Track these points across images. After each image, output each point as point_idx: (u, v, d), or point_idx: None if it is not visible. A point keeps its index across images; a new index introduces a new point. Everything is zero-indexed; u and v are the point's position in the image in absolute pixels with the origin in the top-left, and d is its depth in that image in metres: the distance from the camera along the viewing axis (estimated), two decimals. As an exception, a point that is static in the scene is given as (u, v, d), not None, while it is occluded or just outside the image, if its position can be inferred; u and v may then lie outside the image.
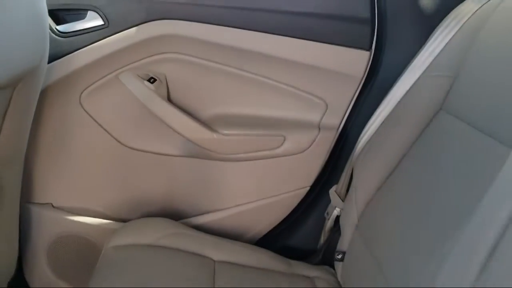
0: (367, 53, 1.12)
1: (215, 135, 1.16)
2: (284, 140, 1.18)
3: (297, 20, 1.11)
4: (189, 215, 1.21)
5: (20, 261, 1.19)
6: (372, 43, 1.13)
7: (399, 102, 1.03)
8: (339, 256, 1.02)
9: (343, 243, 1.03)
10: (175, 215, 1.19)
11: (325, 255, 1.14)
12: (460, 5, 1.04)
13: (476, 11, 0.98)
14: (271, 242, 1.24)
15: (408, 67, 1.05)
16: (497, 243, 0.54)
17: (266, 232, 1.25)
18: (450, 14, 1.04)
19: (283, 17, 1.11)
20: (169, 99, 1.17)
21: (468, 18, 0.99)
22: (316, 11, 1.11)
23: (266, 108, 1.17)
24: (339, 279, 1.03)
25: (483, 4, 0.98)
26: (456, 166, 0.83)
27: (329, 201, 1.16)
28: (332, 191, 1.15)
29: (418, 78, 1.01)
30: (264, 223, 1.24)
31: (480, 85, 0.87)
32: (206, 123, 1.17)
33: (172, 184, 1.21)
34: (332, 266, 1.09)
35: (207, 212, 1.22)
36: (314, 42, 1.12)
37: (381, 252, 0.88)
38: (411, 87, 1.01)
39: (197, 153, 1.18)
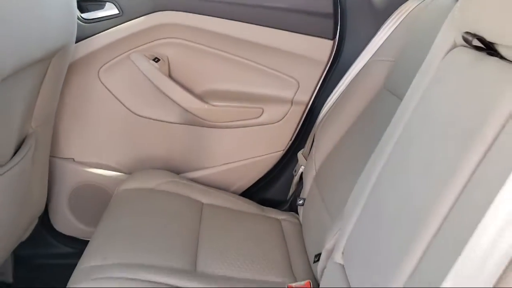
0: (331, 42, 1.38)
1: (206, 106, 1.42)
2: (263, 112, 1.45)
3: (275, 14, 1.38)
4: (185, 171, 1.48)
5: (46, 205, 1.47)
6: (335, 34, 1.39)
7: (351, 81, 1.29)
8: (301, 202, 1.29)
9: (304, 192, 1.29)
10: (173, 171, 1.45)
11: (291, 204, 1.41)
12: (405, 3, 1.29)
13: (413, 8, 1.24)
14: (251, 195, 1.50)
15: (361, 53, 1.31)
16: (381, 174, 0.80)
17: (248, 186, 1.52)
18: (396, 10, 1.29)
19: (264, 11, 1.38)
20: (170, 76, 1.43)
21: (407, 14, 1.24)
22: (291, 7, 1.37)
23: (248, 85, 1.44)
24: (301, 220, 1.30)
25: (420, 3, 1.24)
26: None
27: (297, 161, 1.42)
28: (299, 154, 1.42)
29: (367, 62, 1.27)
30: (246, 179, 1.51)
31: (409, 67, 1.12)
32: (199, 96, 1.43)
33: (171, 145, 1.48)
34: (297, 213, 1.36)
35: (200, 169, 1.49)
36: (289, 32, 1.39)
37: (327, 194, 1.15)
38: (360, 70, 1.27)
39: (192, 120, 1.45)
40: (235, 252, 1.10)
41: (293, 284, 0.98)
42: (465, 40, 0.66)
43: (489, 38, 0.61)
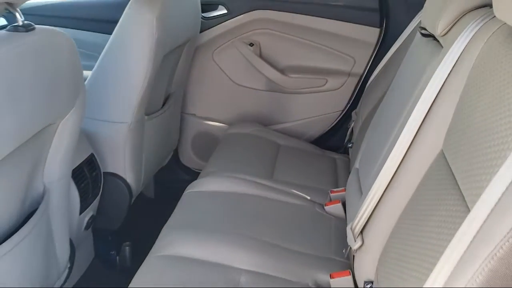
0: (378, 29, 1.87)
1: (286, 78, 1.99)
2: (327, 81, 1.98)
3: (337, 9, 1.90)
4: (270, 124, 2.07)
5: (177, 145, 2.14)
6: (382, 23, 1.87)
7: (390, 57, 1.77)
8: (350, 145, 1.80)
9: (354, 138, 1.81)
10: (262, 124, 2.04)
11: (345, 148, 1.92)
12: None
13: None
14: (317, 142, 2.04)
15: (399, 37, 1.78)
16: (381, 109, 1.31)
17: (315, 136, 2.07)
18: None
19: (329, 8, 1.90)
20: (261, 56, 2.01)
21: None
22: (348, 4, 1.89)
23: (317, 62, 1.98)
24: (350, 158, 1.82)
25: None
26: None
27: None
28: (353, 112, 1.93)
29: (400, 44, 1.74)
30: (314, 130, 2.06)
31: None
32: (281, 70, 2.00)
33: (260, 106, 2.07)
34: (349, 154, 1.88)
35: (280, 123, 2.07)
36: (348, 23, 1.90)
37: (364, 135, 1.66)
38: (396, 50, 1.75)
39: (276, 88, 2.03)
40: (300, 171, 1.67)
41: (334, 190, 1.52)
42: (419, 31, 1.15)
43: (429, 30, 1.11)
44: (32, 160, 1.08)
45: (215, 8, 2.00)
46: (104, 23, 1.89)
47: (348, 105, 2.01)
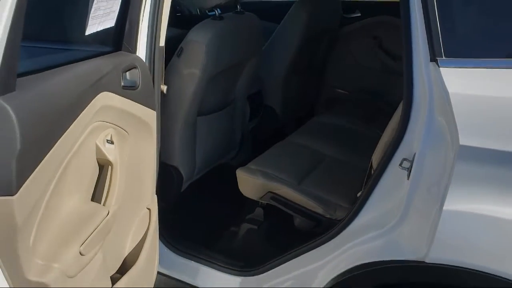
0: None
1: (396, 63, 2.80)
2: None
3: None
4: (378, 95, 2.90)
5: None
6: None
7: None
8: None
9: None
10: (373, 93, 2.89)
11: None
12: None
13: None
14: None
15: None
16: None
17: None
18: None
19: None
20: (380, 47, 2.85)
21: None
22: None
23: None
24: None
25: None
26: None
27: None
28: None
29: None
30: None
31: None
32: (393, 57, 2.82)
33: (374, 81, 2.91)
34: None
35: (386, 95, 2.88)
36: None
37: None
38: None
39: (387, 70, 2.85)
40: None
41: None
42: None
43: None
44: (230, 80, 2.18)
45: (353, 11, 2.91)
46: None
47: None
